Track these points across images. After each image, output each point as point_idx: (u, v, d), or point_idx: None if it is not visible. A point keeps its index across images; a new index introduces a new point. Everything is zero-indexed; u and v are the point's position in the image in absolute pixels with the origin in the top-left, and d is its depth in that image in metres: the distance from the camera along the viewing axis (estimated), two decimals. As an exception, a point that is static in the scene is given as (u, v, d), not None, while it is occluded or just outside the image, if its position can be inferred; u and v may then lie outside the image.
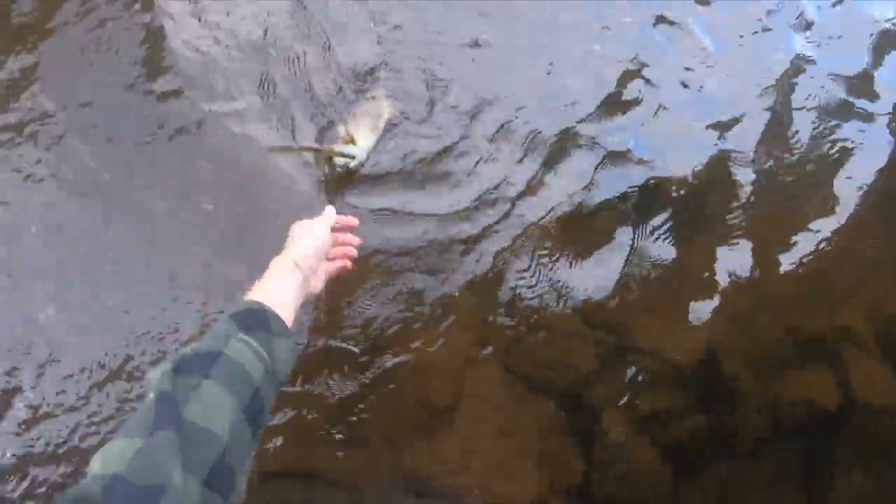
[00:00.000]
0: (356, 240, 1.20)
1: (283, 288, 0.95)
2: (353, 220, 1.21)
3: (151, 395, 0.65)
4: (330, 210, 1.19)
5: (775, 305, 1.67)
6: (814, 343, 1.65)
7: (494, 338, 1.54)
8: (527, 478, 1.51)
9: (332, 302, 1.49)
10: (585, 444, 1.54)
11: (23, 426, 1.29)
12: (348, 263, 1.17)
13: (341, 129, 1.64)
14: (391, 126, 1.70)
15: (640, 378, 1.56)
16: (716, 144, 1.85)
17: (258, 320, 0.83)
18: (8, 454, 1.26)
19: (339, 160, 1.53)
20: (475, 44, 1.87)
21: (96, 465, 0.58)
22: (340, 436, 1.39)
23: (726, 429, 1.56)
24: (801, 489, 1.56)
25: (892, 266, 1.75)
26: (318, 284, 1.09)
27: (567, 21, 1.96)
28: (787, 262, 1.70)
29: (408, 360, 1.48)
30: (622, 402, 1.55)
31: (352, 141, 1.59)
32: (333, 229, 1.15)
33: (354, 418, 1.41)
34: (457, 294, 1.55)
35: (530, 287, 1.59)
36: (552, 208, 1.68)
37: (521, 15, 1.96)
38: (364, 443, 1.42)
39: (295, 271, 0.99)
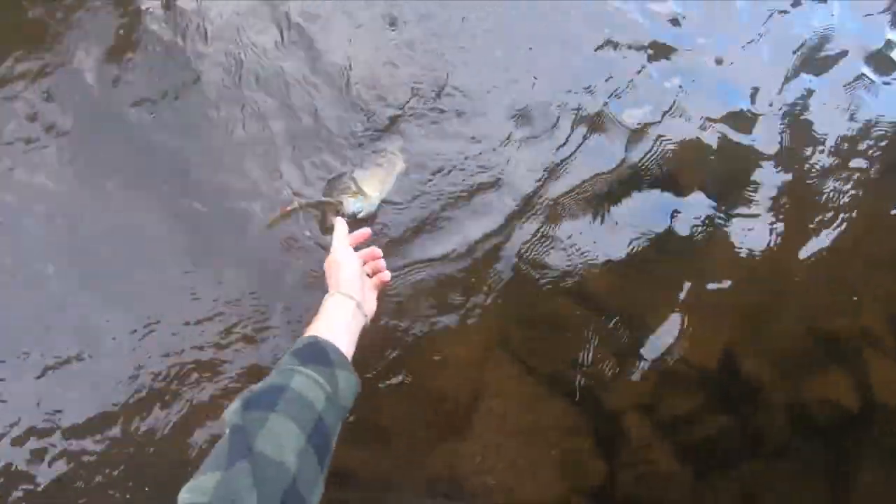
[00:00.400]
0: (378, 251, 1.25)
1: (335, 322, 1.02)
2: (367, 231, 1.27)
3: (227, 431, 0.73)
4: (340, 225, 1.25)
5: (796, 303, 1.66)
6: (834, 343, 1.65)
7: (515, 336, 1.54)
8: (548, 478, 1.51)
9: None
10: (607, 445, 1.54)
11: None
12: (386, 275, 1.23)
13: (349, 182, 1.53)
14: (403, 177, 1.61)
15: (661, 378, 1.56)
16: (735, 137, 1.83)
17: (316, 353, 0.90)
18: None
19: (348, 208, 1.44)
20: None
21: (185, 497, 0.64)
22: (367, 435, 1.39)
23: (749, 429, 1.56)
24: (824, 488, 1.55)
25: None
26: (371, 305, 1.15)
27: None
28: (807, 257, 1.70)
29: (430, 359, 1.48)
30: (643, 402, 1.55)
31: (360, 193, 1.49)
32: (354, 247, 1.22)
33: (379, 418, 1.41)
34: (479, 292, 1.55)
35: (552, 284, 1.59)
36: (575, 203, 1.68)
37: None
38: (388, 442, 1.42)
39: (345, 303, 1.06)
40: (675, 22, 1.96)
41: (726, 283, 1.64)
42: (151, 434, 1.35)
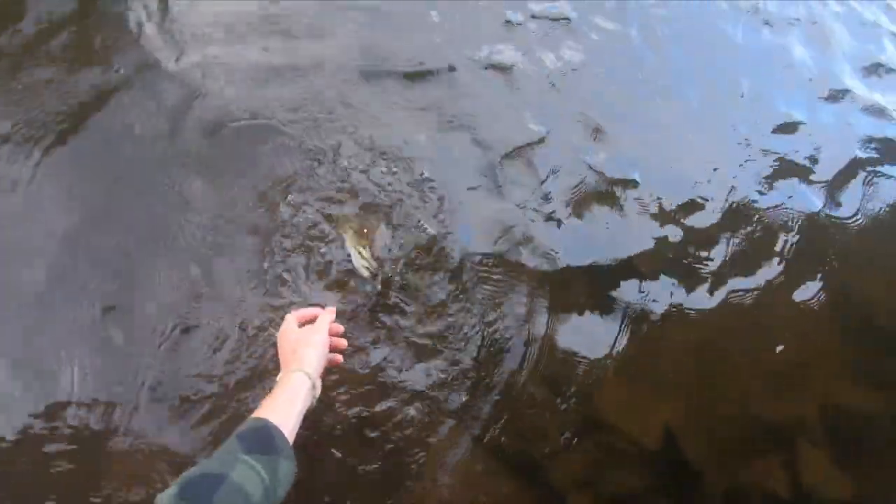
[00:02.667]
0: (343, 342, 1.30)
1: (292, 403, 1.04)
2: (340, 328, 1.31)
3: None
4: (327, 317, 1.27)
5: (735, 388, 1.73)
6: (769, 430, 1.71)
7: (464, 406, 1.53)
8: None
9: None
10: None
11: None
12: (339, 358, 1.28)
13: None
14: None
15: (605, 455, 1.57)
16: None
17: (264, 440, 0.92)
18: None
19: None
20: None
21: None
22: None
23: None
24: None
25: (842, 360, 1.86)
26: (319, 386, 1.16)
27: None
28: (746, 346, 1.78)
29: (378, 435, 1.45)
30: (587, 480, 1.54)
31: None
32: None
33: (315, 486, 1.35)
34: (426, 359, 1.55)
35: (502, 352, 1.61)
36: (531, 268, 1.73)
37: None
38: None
39: (305, 383, 1.08)
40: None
41: (671, 363, 1.69)
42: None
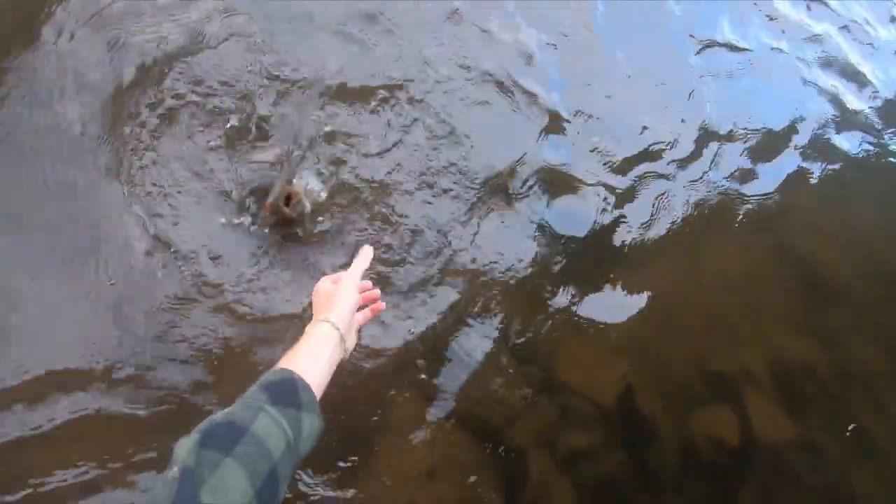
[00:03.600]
0: (377, 291, 1.20)
1: (318, 355, 0.97)
2: (369, 284, 1.21)
3: (175, 469, 0.70)
4: (365, 256, 1.17)
5: (685, 340, 1.78)
6: (719, 381, 1.77)
7: (418, 371, 1.52)
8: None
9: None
10: (510, 483, 1.52)
11: None
12: (381, 305, 1.19)
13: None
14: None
15: (562, 413, 1.59)
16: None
17: (288, 392, 0.87)
18: None
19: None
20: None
21: None
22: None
23: (646, 465, 1.61)
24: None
25: (785, 314, 1.94)
26: (353, 340, 1.10)
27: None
28: (695, 301, 1.83)
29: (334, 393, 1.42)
30: (545, 440, 1.56)
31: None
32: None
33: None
34: (389, 324, 1.52)
35: (459, 315, 1.60)
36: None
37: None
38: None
39: (332, 335, 1.02)
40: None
41: (622, 320, 1.72)
42: None
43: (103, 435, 1.28)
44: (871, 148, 2.46)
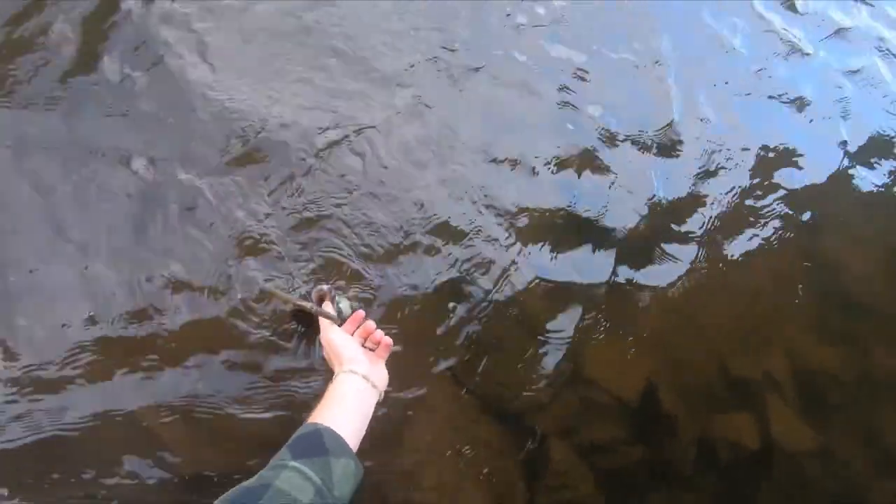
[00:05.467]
0: (371, 324, 1.29)
1: (338, 402, 1.00)
2: (360, 314, 1.32)
3: None
4: (328, 312, 1.27)
5: (709, 342, 1.81)
6: (741, 385, 1.80)
7: (451, 354, 1.60)
8: (472, 499, 1.54)
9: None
10: (530, 468, 1.60)
11: None
12: (388, 340, 1.25)
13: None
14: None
15: (585, 406, 1.65)
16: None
17: (312, 444, 0.89)
18: None
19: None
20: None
21: None
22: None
23: (660, 460, 1.66)
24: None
25: (808, 319, 1.95)
26: (382, 375, 1.15)
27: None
28: (720, 302, 1.87)
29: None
30: (567, 427, 1.63)
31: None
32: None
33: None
34: (416, 305, 1.60)
35: (493, 304, 1.66)
36: (518, 231, 1.77)
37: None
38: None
39: (351, 379, 1.05)
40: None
41: (648, 320, 1.77)
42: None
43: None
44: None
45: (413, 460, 1.51)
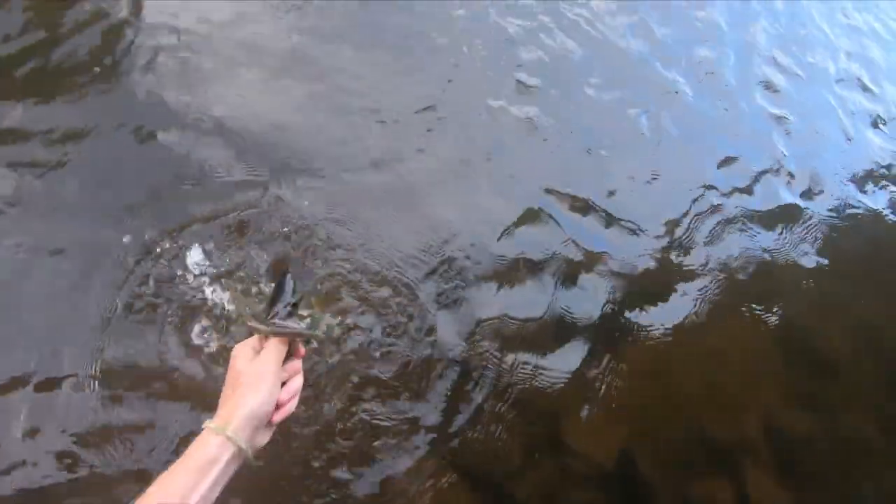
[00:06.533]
0: (300, 380, 1.00)
1: (199, 478, 0.82)
2: (298, 365, 1.02)
3: None
4: (280, 343, 0.97)
5: (685, 408, 1.84)
6: (717, 451, 1.81)
7: (427, 422, 1.60)
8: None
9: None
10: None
11: None
12: (292, 407, 0.97)
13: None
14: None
15: (564, 474, 1.64)
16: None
17: None
18: None
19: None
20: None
21: None
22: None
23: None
24: None
25: (784, 384, 1.99)
26: (262, 439, 0.92)
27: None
28: (695, 368, 1.90)
29: (345, 444, 1.50)
30: (546, 496, 1.61)
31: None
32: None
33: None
34: (397, 381, 1.61)
35: (468, 375, 1.68)
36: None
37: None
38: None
39: (223, 453, 0.85)
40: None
41: (624, 385, 1.80)
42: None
43: None
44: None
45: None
